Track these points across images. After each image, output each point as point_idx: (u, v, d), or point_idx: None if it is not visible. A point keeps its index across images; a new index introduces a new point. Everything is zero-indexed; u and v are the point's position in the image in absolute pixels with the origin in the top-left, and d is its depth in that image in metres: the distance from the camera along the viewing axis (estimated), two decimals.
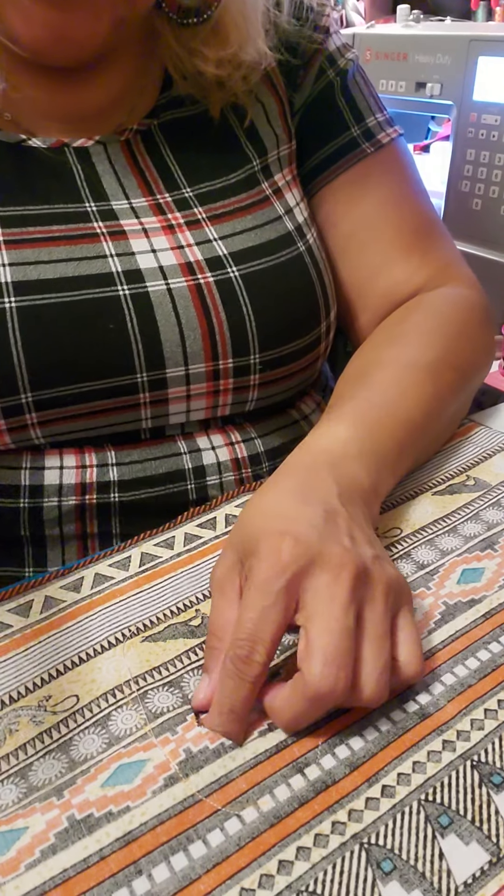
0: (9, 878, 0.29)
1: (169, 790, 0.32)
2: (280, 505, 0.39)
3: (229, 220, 0.55)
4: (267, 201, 0.57)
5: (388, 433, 0.46)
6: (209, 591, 0.43)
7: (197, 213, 0.55)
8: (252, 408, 0.57)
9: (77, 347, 0.49)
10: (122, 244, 0.52)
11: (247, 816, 0.31)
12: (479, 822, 0.31)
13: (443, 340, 0.54)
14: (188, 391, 0.53)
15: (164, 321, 0.51)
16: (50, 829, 0.31)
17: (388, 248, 0.61)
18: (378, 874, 0.29)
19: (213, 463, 0.56)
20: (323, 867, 0.29)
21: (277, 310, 0.55)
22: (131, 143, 0.55)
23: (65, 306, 0.49)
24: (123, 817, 0.31)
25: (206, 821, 0.31)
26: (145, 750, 0.34)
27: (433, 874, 0.29)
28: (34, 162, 0.52)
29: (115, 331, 0.50)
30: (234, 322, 0.53)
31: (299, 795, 0.32)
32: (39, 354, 0.49)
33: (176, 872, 0.29)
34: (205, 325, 0.52)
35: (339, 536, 0.36)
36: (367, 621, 0.34)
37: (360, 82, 0.62)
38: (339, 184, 0.61)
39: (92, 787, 0.32)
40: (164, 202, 0.54)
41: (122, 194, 0.54)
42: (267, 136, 0.59)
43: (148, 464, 0.54)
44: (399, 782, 0.32)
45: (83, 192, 0.53)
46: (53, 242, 0.51)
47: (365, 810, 0.31)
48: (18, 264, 0.49)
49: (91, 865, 0.29)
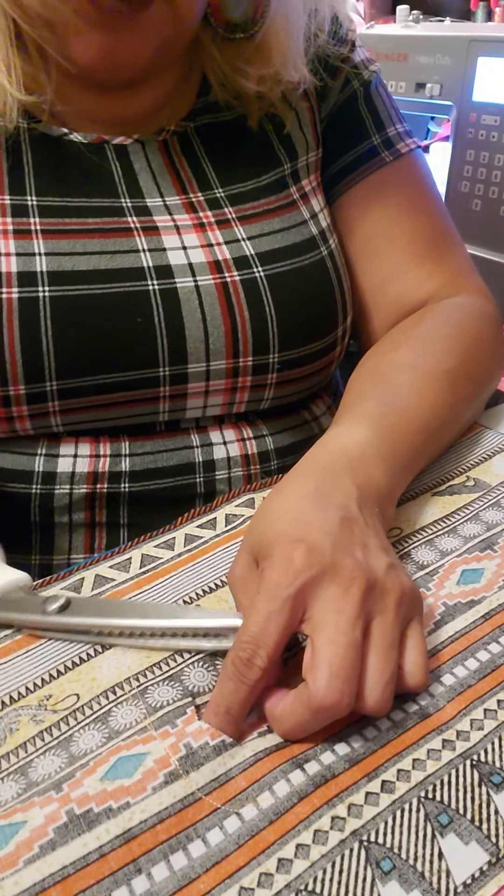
0: (7, 873, 0.29)
1: (169, 787, 0.32)
2: (297, 508, 0.38)
3: (258, 222, 0.57)
4: (294, 205, 0.59)
5: (405, 438, 0.46)
6: (209, 587, 0.43)
7: (227, 212, 0.56)
8: (267, 406, 0.58)
9: (105, 339, 0.51)
10: (154, 240, 0.53)
11: (246, 814, 0.31)
12: (478, 822, 0.31)
13: (459, 349, 0.55)
14: (207, 387, 0.55)
15: (190, 317, 0.53)
16: (49, 824, 0.31)
17: (402, 256, 0.62)
18: (377, 873, 0.29)
19: (224, 458, 0.57)
20: (322, 865, 0.29)
21: (299, 311, 0.56)
22: (168, 144, 0.57)
23: (96, 298, 0.51)
24: (123, 814, 0.31)
25: (205, 819, 0.31)
26: (144, 743, 0.34)
27: (432, 874, 0.29)
28: (74, 156, 0.54)
29: (142, 324, 0.51)
30: (257, 321, 0.54)
31: (299, 790, 0.32)
32: (68, 344, 0.50)
33: (175, 871, 0.29)
34: (228, 323, 0.53)
35: (352, 546, 0.36)
36: (375, 632, 0.34)
37: (382, 93, 0.64)
38: (358, 191, 0.62)
39: (91, 780, 0.32)
40: (197, 201, 0.56)
41: (157, 192, 0.55)
42: (298, 141, 0.61)
43: (160, 455, 0.55)
44: (399, 778, 0.32)
45: (120, 188, 0.54)
46: (88, 235, 0.52)
47: (364, 805, 0.31)
48: (54, 254, 0.51)
49: (91, 863, 0.29)
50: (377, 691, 0.33)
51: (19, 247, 0.50)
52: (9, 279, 0.49)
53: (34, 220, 0.51)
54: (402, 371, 0.52)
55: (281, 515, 0.38)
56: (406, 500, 0.50)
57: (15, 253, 0.50)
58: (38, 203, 0.52)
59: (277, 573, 0.34)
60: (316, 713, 0.32)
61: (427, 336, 0.56)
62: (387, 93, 0.65)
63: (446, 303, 0.60)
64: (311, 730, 0.34)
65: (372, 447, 0.44)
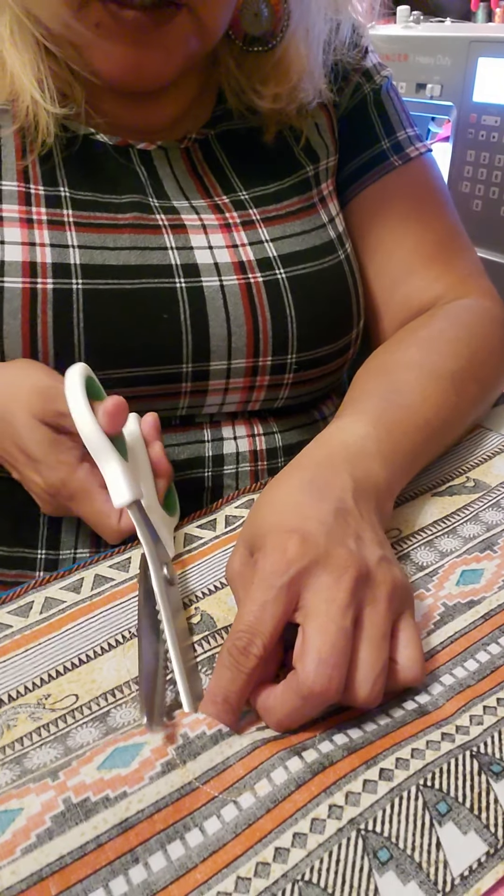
0: (5, 862, 0.29)
1: (166, 777, 0.32)
2: (292, 499, 0.39)
3: (280, 224, 0.58)
4: (314, 208, 0.60)
5: (407, 435, 0.47)
6: (209, 589, 0.43)
7: (252, 214, 0.58)
8: (281, 405, 0.60)
9: (132, 334, 0.52)
10: (182, 238, 0.55)
11: (243, 802, 0.31)
12: (477, 811, 0.30)
13: (467, 351, 0.55)
14: (227, 384, 0.56)
15: (215, 316, 0.54)
16: (46, 812, 0.30)
17: (410, 258, 0.63)
18: (374, 863, 0.29)
19: (233, 452, 0.58)
20: (319, 855, 0.29)
21: (318, 313, 0.57)
22: (190, 151, 0.58)
23: (125, 293, 0.52)
24: (120, 803, 0.31)
25: (202, 808, 0.31)
26: (141, 734, 0.33)
27: (430, 865, 0.29)
28: (101, 155, 0.55)
29: (168, 321, 0.53)
30: (278, 322, 0.55)
31: (296, 777, 0.32)
32: (97, 337, 0.51)
33: (172, 861, 0.29)
34: (250, 323, 0.55)
35: (346, 537, 0.36)
36: (366, 623, 0.34)
37: (393, 97, 0.65)
38: (367, 195, 0.64)
39: (87, 768, 0.32)
40: (223, 203, 0.58)
41: (183, 196, 0.57)
42: (319, 146, 0.62)
43: (171, 449, 0.56)
44: (397, 766, 0.32)
45: (147, 189, 0.56)
46: (119, 230, 0.53)
47: (362, 793, 0.31)
48: (86, 247, 0.52)
49: (88, 853, 0.29)
50: (368, 682, 0.33)
51: (54, 238, 0.51)
52: (44, 269, 0.50)
53: (67, 212, 0.52)
54: (408, 369, 0.53)
55: (276, 507, 0.39)
56: (406, 501, 0.50)
57: (50, 244, 0.51)
58: (70, 195, 0.53)
59: (271, 563, 0.35)
60: (306, 699, 0.32)
61: (435, 337, 0.57)
62: (398, 97, 0.66)
63: (455, 304, 0.61)
64: (302, 718, 0.34)
65: (372, 442, 0.44)
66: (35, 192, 0.52)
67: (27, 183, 0.52)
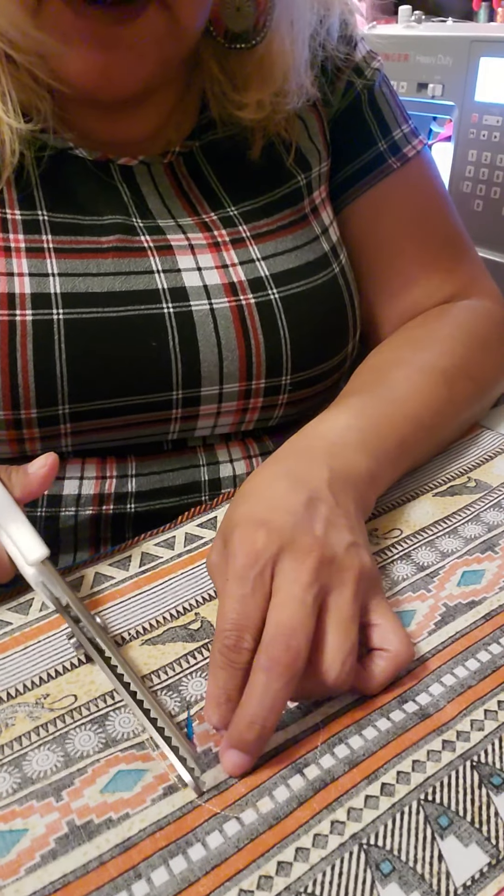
0: (9, 881, 0.29)
1: (168, 798, 0.32)
2: (267, 490, 0.39)
3: (272, 240, 0.55)
4: (306, 220, 0.57)
5: (392, 427, 0.46)
6: (209, 595, 0.43)
7: (241, 231, 0.55)
8: (276, 423, 0.58)
9: (119, 363, 0.49)
10: (168, 260, 0.52)
11: (246, 818, 0.31)
12: (478, 824, 0.31)
13: (462, 349, 0.54)
14: (219, 409, 0.54)
15: (205, 341, 0.51)
16: (50, 834, 0.31)
17: (413, 265, 0.61)
18: (377, 876, 0.29)
19: (230, 476, 0.56)
20: (322, 868, 0.29)
21: (312, 332, 0.55)
22: (174, 166, 0.55)
23: (111, 321, 0.49)
24: (123, 824, 0.31)
25: (204, 824, 0.31)
26: (144, 760, 0.34)
27: (432, 876, 0.29)
28: (81, 173, 0.52)
29: (156, 348, 0.50)
30: (271, 344, 0.53)
31: (298, 795, 0.32)
32: (82, 368, 0.49)
33: (175, 875, 0.29)
34: (243, 347, 0.52)
35: (313, 524, 0.37)
36: (332, 607, 0.35)
37: (387, 92, 0.62)
38: (366, 200, 0.61)
39: (91, 791, 0.32)
40: (210, 220, 0.54)
41: (168, 214, 0.54)
42: (310, 152, 0.59)
43: (166, 475, 0.54)
44: (398, 780, 0.32)
45: (130, 208, 0.52)
46: (102, 254, 0.50)
47: (364, 809, 0.31)
48: (68, 275, 0.49)
49: (91, 871, 0.29)
50: (337, 663, 0.34)
51: (33, 266, 0.48)
52: (23, 301, 0.48)
53: (46, 238, 0.49)
54: (397, 366, 0.52)
55: (250, 498, 0.39)
56: (407, 501, 0.50)
57: (28, 273, 0.48)
58: (49, 219, 0.50)
59: (241, 556, 0.35)
60: (269, 671, 0.32)
61: (427, 336, 0.56)
62: (391, 91, 0.63)
63: (455, 305, 0.60)
64: (275, 698, 0.32)
65: (354, 433, 0.44)
66: (11, 216, 0.49)
67: (2, 207, 0.49)
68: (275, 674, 0.32)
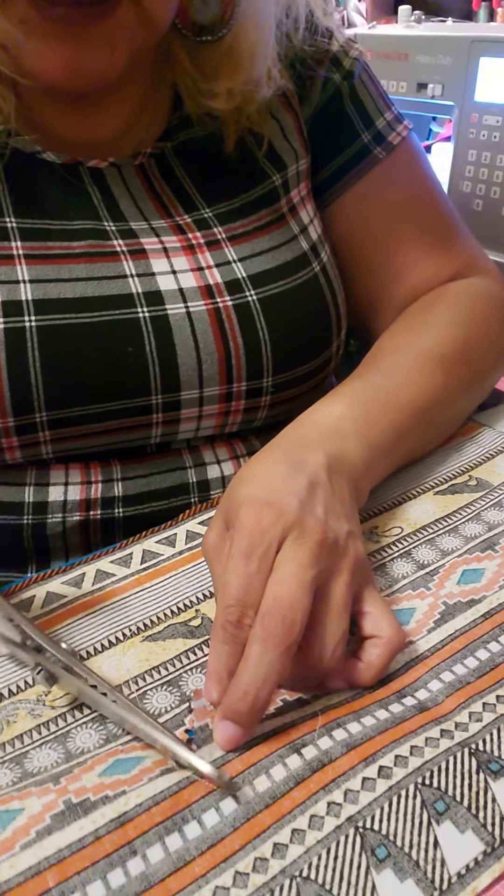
0: (4, 857, 0.29)
1: (166, 776, 0.32)
2: (267, 474, 0.40)
3: (248, 241, 0.55)
4: (283, 220, 0.57)
5: (386, 415, 0.47)
6: (210, 592, 0.43)
7: (217, 233, 0.54)
8: (260, 425, 0.57)
9: (95, 369, 0.49)
10: (142, 264, 0.51)
11: (242, 796, 0.31)
12: (475, 810, 0.31)
13: (461, 334, 0.54)
14: (200, 412, 0.53)
15: (182, 345, 0.51)
16: (46, 812, 0.31)
17: (410, 251, 0.61)
18: (372, 861, 0.29)
19: (218, 477, 0.56)
20: (317, 851, 0.29)
21: (292, 333, 0.54)
22: (145, 168, 0.54)
23: (84, 327, 0.49)
24: (119, 799, 0.31)
25: (201, 801, 0.31)
26: (143, 749, 0.34)
27: (427, 863, 0.29)
28: (50, 176, 0.51)
29: (133, 353, 0.50)
30: (251, 346, 0.52)
31: (295, 774, 0.32)
32: (57, 375, 0.48)
33: (171, 853, 0.29)
34: (222, 350, 0.52)
35: (316, 508, 0.37)
36: (331, 593, 0.36)
37: (367, 81, 0.61)
38: (355, 192, 0.60)
39: (89, 775, 0.32)
40: (184, 223, 0.54)
41: (141, 217, 0.53)
42: (285, 151, 0.58)
43: (153, 478, 0.54)
44: (396, 764, 0.32)
45: (101, 212, 0.52)
46: (74, 259, 0.50)
47: (361, 791, 0.31)
48: (39, 281, 0.48)
49: (86, 846, 0.29)
50: (328, 650, 0.34)
51: (2, 274, 0.48)
52: None
53: (16, 244, 0.49)
54: (394, 353, 0.52)
55: (251, 482, 0.39)
56: (407, 499, 0.50)
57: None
58: (18, 225, 0.49)
59: (247, 535, 0.36)
60: (264, 641, 0.33)
61: (431, 320, 0.56)
62: (371, 79, 0.61)
63: (458, 284, 0.60)
64: (267, 669, 0.32)
65: (347, 421, 0.44)
66: None
67: None
68: (270, 645, 0.33)
